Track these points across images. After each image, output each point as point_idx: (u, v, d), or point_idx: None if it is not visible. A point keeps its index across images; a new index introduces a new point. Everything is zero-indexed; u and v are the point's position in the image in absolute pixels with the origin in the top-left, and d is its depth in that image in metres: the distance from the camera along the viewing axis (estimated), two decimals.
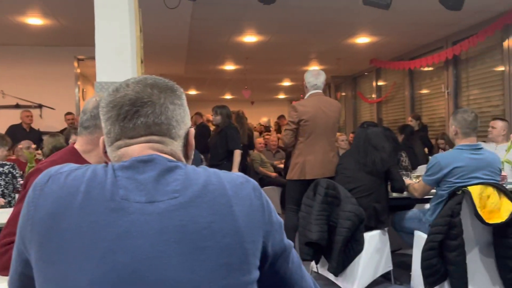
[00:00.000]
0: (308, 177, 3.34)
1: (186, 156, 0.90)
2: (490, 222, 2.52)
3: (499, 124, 4.21)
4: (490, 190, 2.60)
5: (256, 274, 0.78)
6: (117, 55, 2.78)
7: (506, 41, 5.31)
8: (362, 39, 6.54)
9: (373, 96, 8.87)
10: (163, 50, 6.69)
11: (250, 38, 6.28)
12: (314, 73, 3.62)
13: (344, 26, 5.83)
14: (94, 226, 0.72)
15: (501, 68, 5.47)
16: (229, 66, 8.45)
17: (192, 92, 12.25)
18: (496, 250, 2.65)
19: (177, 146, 0.86)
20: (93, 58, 2.83)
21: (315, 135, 3.41)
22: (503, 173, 3.17)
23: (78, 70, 6.67)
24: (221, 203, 0.77)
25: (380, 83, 8.72)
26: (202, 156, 4.65)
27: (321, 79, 3.60)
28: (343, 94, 10.43)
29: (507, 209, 2.54)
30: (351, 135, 6.80)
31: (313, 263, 3.20)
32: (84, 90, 7.35)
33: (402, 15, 5.28)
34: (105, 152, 0.87)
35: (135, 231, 0.72)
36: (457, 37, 6.08)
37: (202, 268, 0.72)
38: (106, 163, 0.83)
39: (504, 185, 2.83)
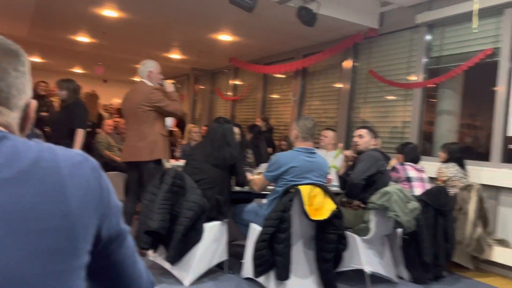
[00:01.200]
0: (123, 160, 3.82)
1: (22, 130, 0.80)
2: (314, 218, 2.84)
3: (330, 134, 4.79)
4: (318, 190, 2.93)
5: (85, 259, 0.74)
6: None
7: (345, 61, 6.06)
8: (225, 37, 6.71)
9: (229, 93, 9.19)
10: (4, 4, 5.81)
11: (110, 12, 5.88)
12: (143, 62, 3.85)
13: (209, 20, 5.90)
14: None
15: (339, 85, 6.23)
16: (83, 38, 7.77)
17: (36, 59, 10.90)
18: (316, 244, 3.00)
19: (13, 117, 0.77)
20: None
21: (126, 120, 3.91)
22: (329, 177, 3.62)
23: None
24: (52, 182, 0.70)
25: (237, 82, 9.08)
26: (38, 131, 4.18)
27: (144, 67, 3.78)
28: (202, 87, 10.56)
29: (329, 208, 2.90)
30: (204, 128, 6.93)
31: (150, 251, 3.17)
32: None
33: (264, 21, 5.58)
34: None
35: None
36: (307, 51, 6.69)
37: (21, 253, 0.65)
38: None
39: (329, 187, 3.23)
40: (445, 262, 3.61)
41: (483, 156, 4.37)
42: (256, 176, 3.55)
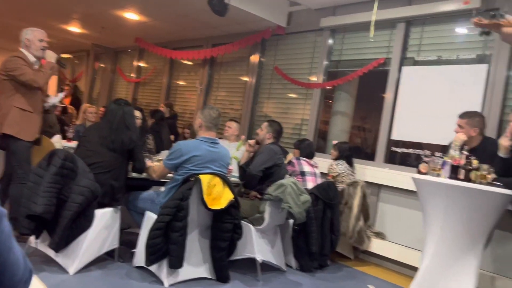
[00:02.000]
0: None
1: None
2: (212, 208, 2.86)
3: (234, 125, 4.84)
4: (217, 180, 2.95)
5: None
6: None
7: (253, 56, 6.17)
8: (131, 15, 6.39)
9: (133, 75, 8.79)
10: None
11: None
12: (23, 30, 3.49)
13: None
14: None
15: (245, 78, 6.32)
16: None
17: None
18: (212, 232, 3.02)
19: None
20: None
21: None
22: (230, 167, 3.66)
23: None
24: None
25: (141, 64, 8.72)
26: None
27: (22, 36, 3.45)
28: (102, 65, 9.93)
29: (227, 198, 2.94)
30: (102, 109, 6.54)
31: (32, 237, 2.92)
32: None
33: (174, 4, 5.43)
34: None
35: None
36: (217, 41, 6.67)
37: None
38: None
39: (229, 178, 3.26)
40: (330, 252, 3.90)
41: (369, 156, 4.79)
42: (155, 163, 3.46)
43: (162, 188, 3.28)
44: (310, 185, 3.97)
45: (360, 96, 5.37)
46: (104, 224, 3.01)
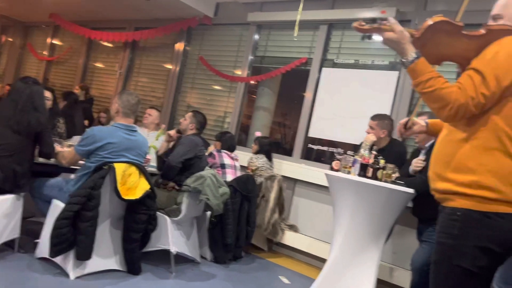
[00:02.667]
0: None
1: None
2: (126, 198, 2.75)
3: (154, 113, 4.71)
4: (133, 169, 2.85)
5: None
6: None
7: (178, 43, 6.04)
8: None
9: (45, 53, 8.14)
10: None
11: None
12: None
13: None
14: None
15: (169, 66, 6.16)
16: None
17: None
18: (125, 223, 2.91)
19: None
20: None
21: None
22: (148, 157, 3.56)
23: None
24: None
25: (55, 41, 8.10)
26: None
27: None
28: (10, 39, 9.06)
29: (143, 188, 2.85)
30: (7, 86, 5.99)
31: None
32: None
33: None
34: None
35: None
36: (140, 24, 6.41)
37: None
38: None
39: (146, 167, 3.17)
40: (245, 244, 3.96)
41: (288, 151, 4.94)
42: (66, 149, 3.24)
43: (72, 176, 3.09)
44: (229, 177, 3.99)
45: (282, 93, 5.51)
46: (4, 212, 2.76)
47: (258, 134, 4.64)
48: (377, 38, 1.60)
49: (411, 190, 2.81)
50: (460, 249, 1.41)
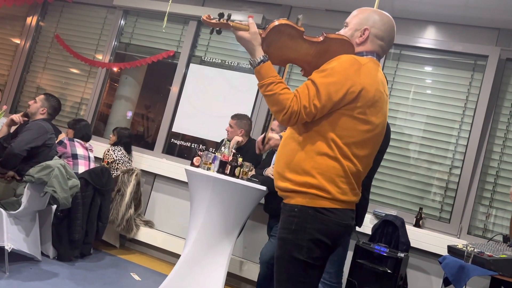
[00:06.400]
0: None
1: None
2: None
3: None
4: None
5: None
6: None
7: (30, 17, 5.39)
8: None
9: None
10: None
11: None
12: None
13: None
14: None
15: (17, 41, 5.46)
16: None
17: None
18: None
19: None
20: None
21: None
22: None
23: None
24: None
25: None
26: None
27: None
28: None
29: None
30: None
31: None
32: None
33: None
34: None
35: None
36: None
37: None
38: None
39: None
40: (94, 240, 3.73)
41: (149, 145, 4.80)
42: None
43: None
44: (81, 169, 3.71)
45: (147, 85, 5.34)
46: None
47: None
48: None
49: (263, 188, 2.99)
50: (297, 243, 1.55)
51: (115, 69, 5.04)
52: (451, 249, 2.71)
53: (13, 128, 3.39)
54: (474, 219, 3.60)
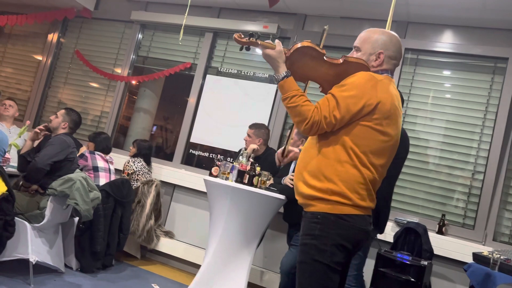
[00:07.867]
0: None
1: None
2: None
3: (15, 105, 4.28)
4: None
5: None
6: None
7: (51, 34, 5.54)
8: None
9: None
10: None
11: None
12: None
13: None
14: None
15: (39, 57, 5.61)
16: None
17: None
18: None
19: None
20: None
21: None
22: (7, 155, 3.17)
23: None
24: None
25: None
26: None
27: None
28: None
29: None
30: None
31: None
32: None
33: None
34: None
35: None
36: (7, 9, 5.73)
37: None
38: None
39: (4, 167, 2.82)
40: (116, 251, 3.77)
41: (168, 156, 4.85)
42: None
43: None
44: (102, 181, 3.77)
45: (165, 96, 5.41)
46: None
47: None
48: (259, 51, 1.74)
49: (282, 196, 2.98)
50: (321, 247, 1.62)
51: (133, 82, 5.13)
52: (477, 256, 2.65)
53: (36, 143, 3.47)
54: (499, 225, 3.51)
